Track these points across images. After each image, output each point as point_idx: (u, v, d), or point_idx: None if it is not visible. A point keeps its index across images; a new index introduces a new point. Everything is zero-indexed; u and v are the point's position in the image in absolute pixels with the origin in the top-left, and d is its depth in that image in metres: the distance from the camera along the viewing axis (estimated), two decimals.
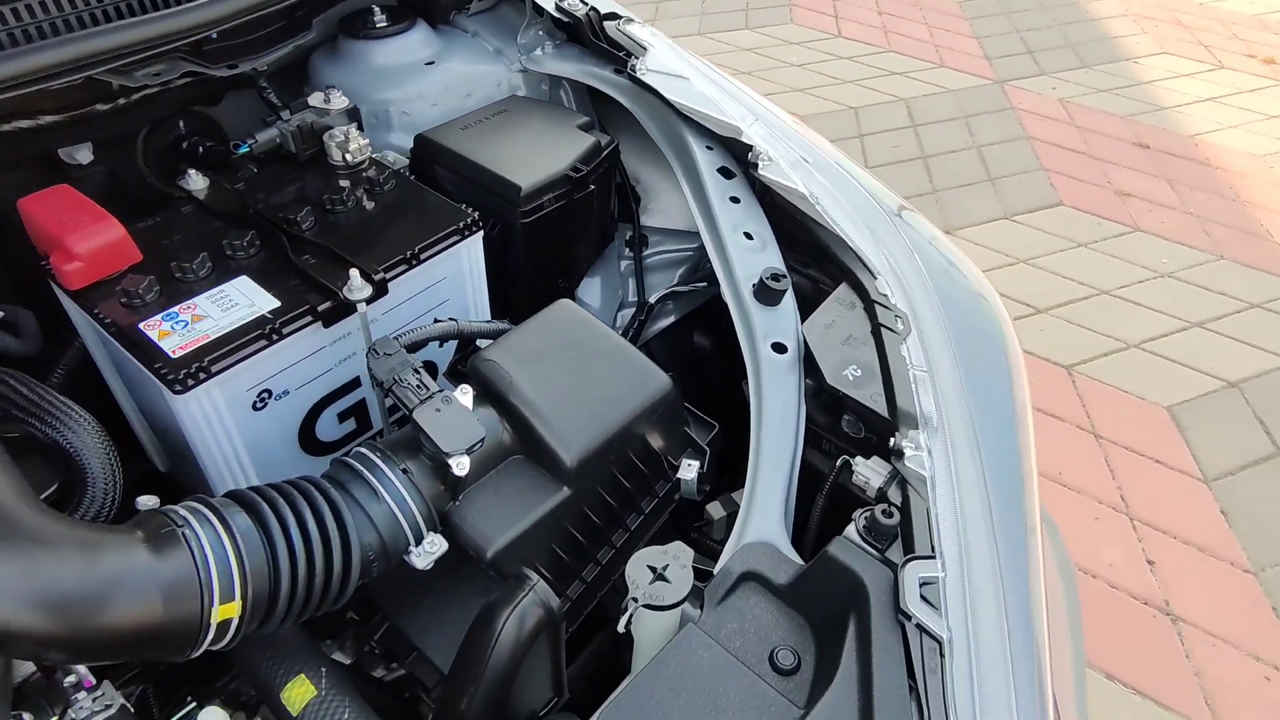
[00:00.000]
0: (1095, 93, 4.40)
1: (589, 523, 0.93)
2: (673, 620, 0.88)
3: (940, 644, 0.77)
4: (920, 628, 0.78)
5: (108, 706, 0.71)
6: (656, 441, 0.96)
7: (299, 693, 0.81)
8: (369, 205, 1.04)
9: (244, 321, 0.88)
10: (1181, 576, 2.28)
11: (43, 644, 0.61)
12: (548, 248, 1.20)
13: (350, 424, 1.03)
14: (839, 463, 0.98)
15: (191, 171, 1.06)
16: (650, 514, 1.01)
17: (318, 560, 0.74)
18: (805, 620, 0.86)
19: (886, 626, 0.79)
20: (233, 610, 0.69)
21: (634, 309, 1.37)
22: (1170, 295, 3.16)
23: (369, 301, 0.92)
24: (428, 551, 0.81)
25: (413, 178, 1.15)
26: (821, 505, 0.99)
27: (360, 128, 1.13)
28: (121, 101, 1.09)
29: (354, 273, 0.90)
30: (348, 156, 1.07)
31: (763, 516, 0.93)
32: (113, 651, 0.65)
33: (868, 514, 0.86)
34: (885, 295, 1.02)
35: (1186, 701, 2.02)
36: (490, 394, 0.88)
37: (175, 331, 0.86)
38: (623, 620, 0.87)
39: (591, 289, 1.36)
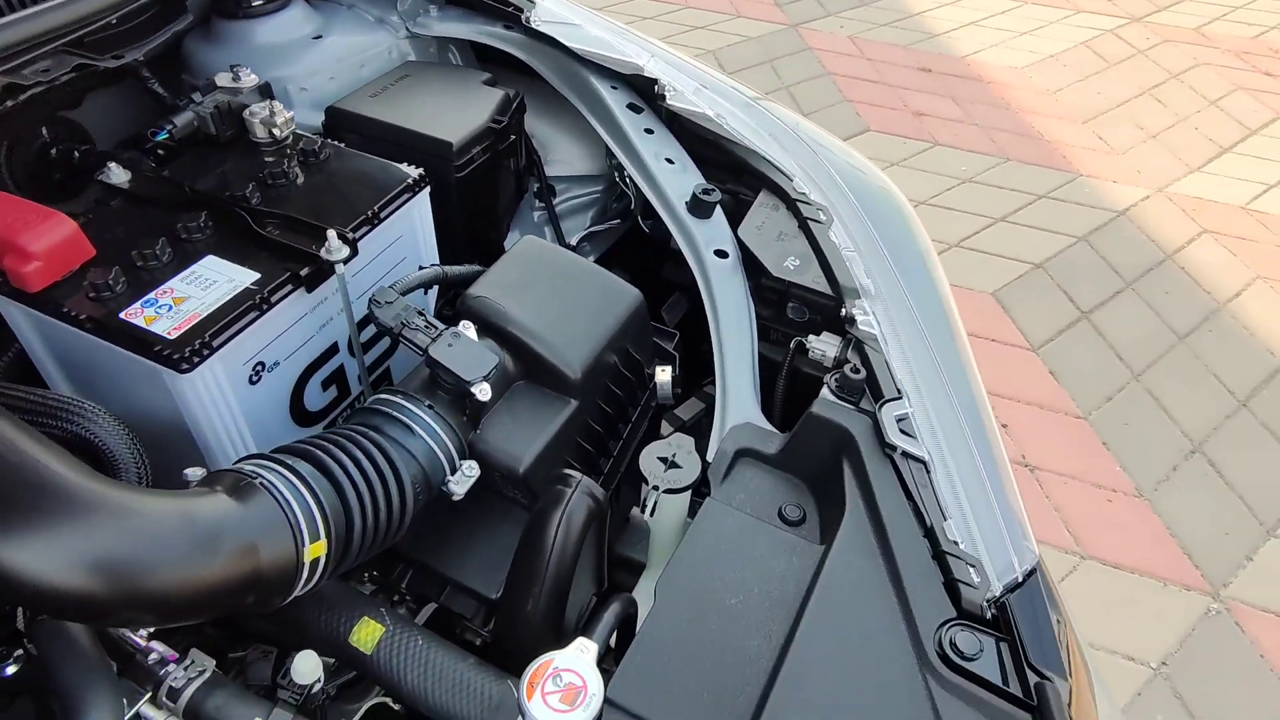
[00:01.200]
0: (877, 27, 4.81)
1: (593, 432, 1.01)
2: (686, 501, 0.98)
3: (925, 464, 0.91)
4: (905, 454, 0.92)
5: (201, 672, 0.72)
6: (635, 350, 1.04)
7: (368, 633, 0.84)
8: (310, 176, 1.05)
9: (230, 296, 0.88)
10: (1030, 432, 2.63)
11: (166, 609, 0.63)
12: (478, 201, 1.24)
13: (333, 391, 1.05)
14: (793, 344, 1.10)
15: (111, 165, 1.02)
16: (635, 422, 1.10)
17: (379, 495, 0.78)
18: (799, 479, 0.99)
19: (877, 461, 0.92)
20: (320, 549, 0.72)
21: None
22: (974, 197, 3.56)
23: (345, 262, 0.94)
24: (466, 476, 0.87)
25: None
26: (783, 385, 1.12)
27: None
28: (9, 103, 1.03)
29: (331, 234, 0.92)
30: (275, 131, 1.07)
31: (738, 402, 1.04)
32: (224, 603, 0.67)
33: (837, 375, 0.99)
34: (804, 194, 1.15)
35: (1053, 534, 2.36)
36: (488, 327, 0.94)
37: (161, 315, 0.85)
38: (648, 507, 0.96)
39: (513, 241, 1.41)
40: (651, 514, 0.95)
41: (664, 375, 1.09)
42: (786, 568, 0.87)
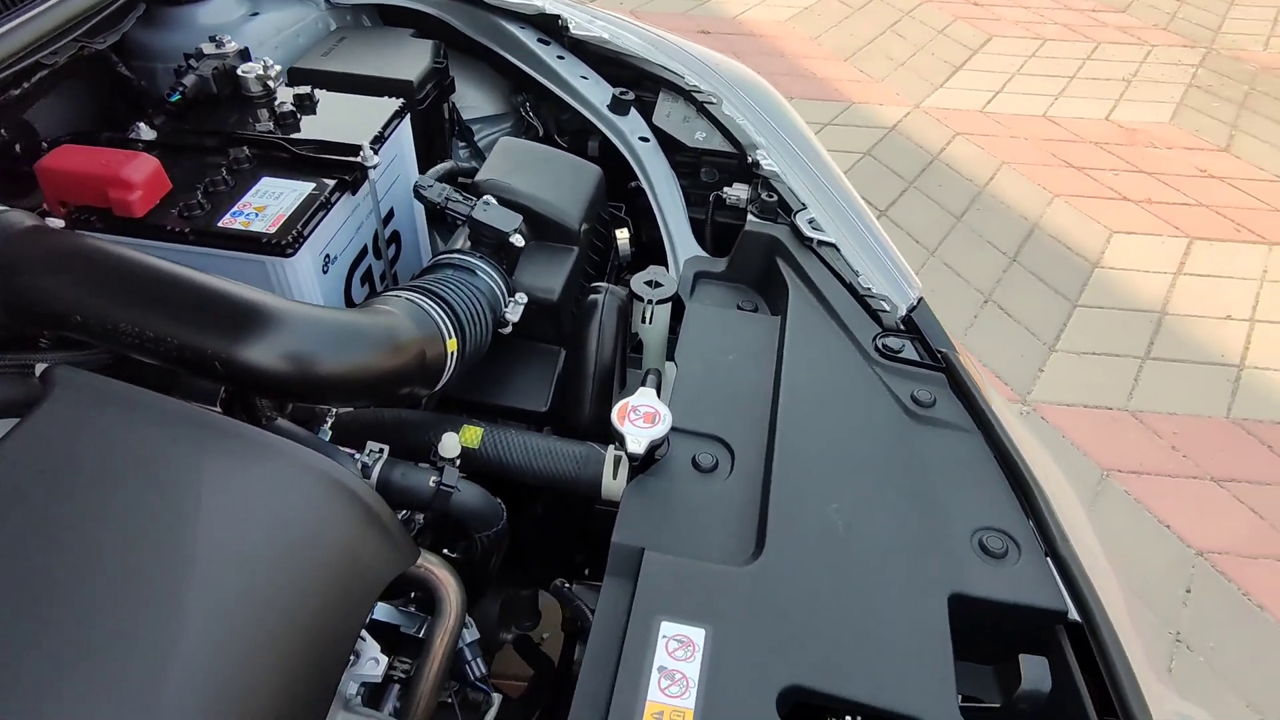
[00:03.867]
0: (652, 0, 5.27)
1: (589, 276, 1.29)
2: (669, 310, 1.29)
3: (835, 246, 1.27)
4: (820, 243, 1.27)
5: (381, 451, 0.95)
6: (603, 212, 1.34)
7: (471, 435, 1.09)
8: (308, 115, 1.26)
9: (301, 199, 1.09)
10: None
11: (395, 379, 0.87)
12: (430, 133, 1.48)
13: (367, 288, 1.27)
14: (711, 198, 1.44)
15: (140, 124, 1.18)
16: (609, 275, 1.39)
17: (476, 310, 1.03)
18: (744, 284, 1.32)
19: (801, 252, 1.28)
20: (454, 344, 0.97)
21: None
22: None
23: (375, 168, 1.17)
24: (518, 304, 1.13)
25: None
26: (710, 230, 1.45)
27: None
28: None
29: (365, 144, 1.15)
30: (270, 84, 1.27)
31: (683, 242, 1.37)
32: (399, 385, 0.91)
33: (755, 203, 1.33)
34: (694, 85, 1.49)
35: None
36: (502, 200, 1.20)
37: (253, 221, 1.05)
38: (645, 318, 1.26)
39: None
40: (649, 322, 1.25)
41: (623, 235, 1.39)
42: (758, 332, 1.20)
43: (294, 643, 0.69)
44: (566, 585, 1.01)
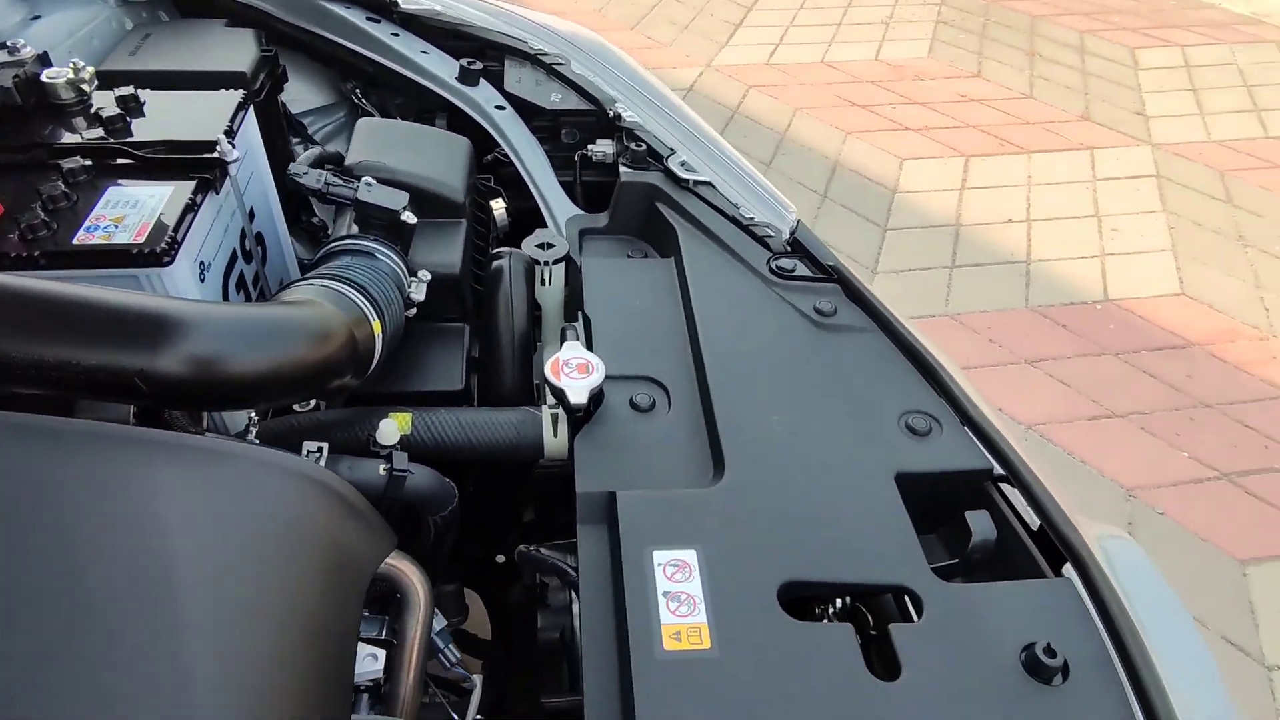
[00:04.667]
0: None
1: (478, 247, 1.27)
2: (563, 270, 1.30)
3: (710, 184, 1.32)
4: (696, 182, 1.32)
5: (320, 449, 0.90)
6: (478, 184, 1.31)
7: (401, 421, 1.05)
8: (137, 116, 1.14)
9: (164, 204, 0.99)
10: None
11: (329, 370, 0.82)
12: (269, 132, 1.38)
13: (242, 295, 1.17)
14: (577, 157, 1.45)
15: None
16: (491, 244, 1.37)
17: (387, 291, 0.99)
18: (628, 234, 1.35)
19: (679, 192, 1.32)
20: (379, 327, 0.93)
21: None
22: None
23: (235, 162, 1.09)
24: (421, 282, 1.10)
25: None
26: (581, 191, 1.46)
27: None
28: None
29: (221, 137, 1.06)
30: (84, 88, 1.13)
31: (559, 204, 1.38)
32: (347, 369, 0.86)
33: (625, 155, 1.36)
34: (540, 49, 1.48)
35: None
36: (380, 181, 1.15)
37: (114, 232, 0.95)
38: (544, 279, 1.26)
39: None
40: (547, 283, 1.25)
41: (499, 205, 1.38)
42: (657, 275, 1.23)
43: (305, 643, 0.65)
44: (534, 549, 1.01)
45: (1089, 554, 0.87)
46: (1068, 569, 0.87)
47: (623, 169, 1.34)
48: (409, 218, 1.09)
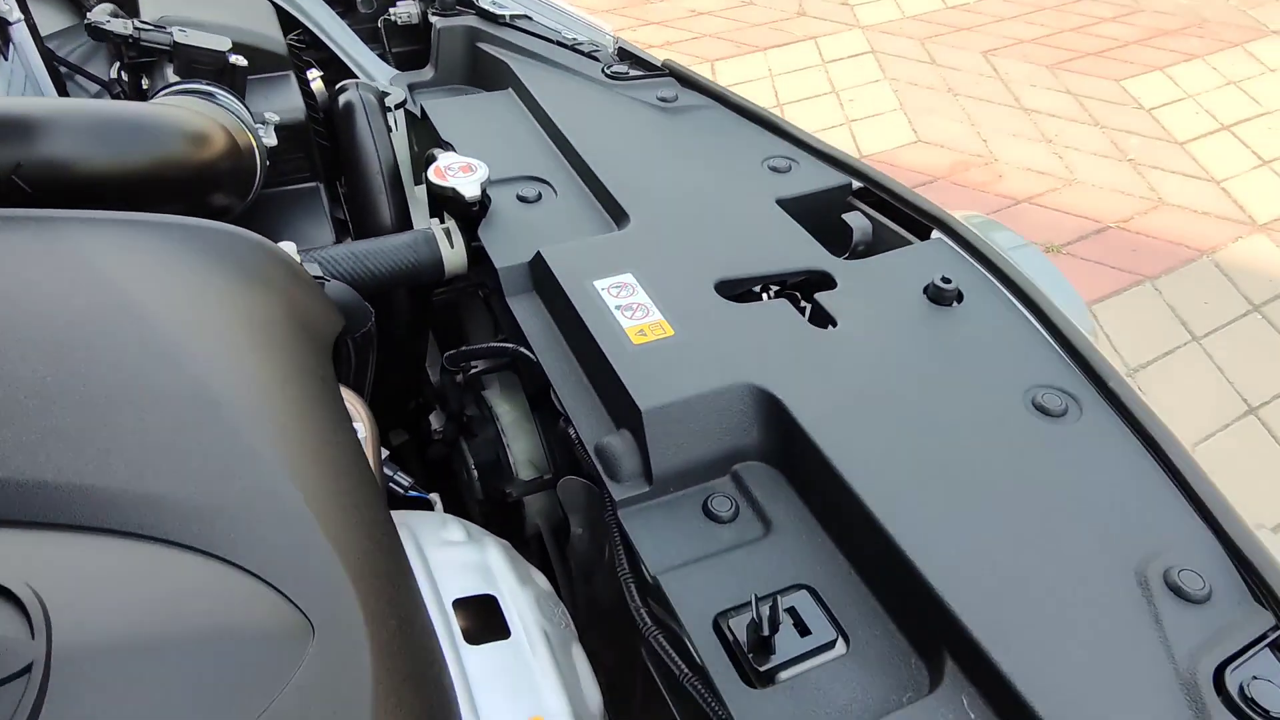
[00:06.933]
0: None
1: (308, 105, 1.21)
2: (404, 114, 1.27)
3: (526, 16, 1.34)
4: (513, 15, 1.34)
5: None
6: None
7: None
8: None
9: None
10: None
11: (210, 175, 0.77)
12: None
13: None
14: (381, 24, 1.41)
15: None
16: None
17: (250, 112, 0.93)
18: (456, 84, 1.35)
19: (499, 29, 1.33)
20: (256, 143, 0.88)
21: None
22: None
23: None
24: (268, 123, 1.04)
25: None
26: (394, 62, 1.43)
27: None
28: None
29: None
30: None
31: (377, 69, 1.35)
32: (228, 181, 0.81)
33: (434, 4, 1.35)
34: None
35: None
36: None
37: None
38: (390, 125, 1.23)
39: None
40: (395, 127, 1.22)
41: (315, 75, 1.32)
42: (503, 103, 1.25)
43: (310, 409, 0.62)
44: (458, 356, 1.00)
45: (949, 218, 1.01)
46: (935, 233, 1.01)
47: (434, 18, 1.33)
48: (239, 60, 1.03)
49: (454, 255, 1.04)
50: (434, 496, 1.02)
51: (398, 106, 1.20)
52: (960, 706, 0.58)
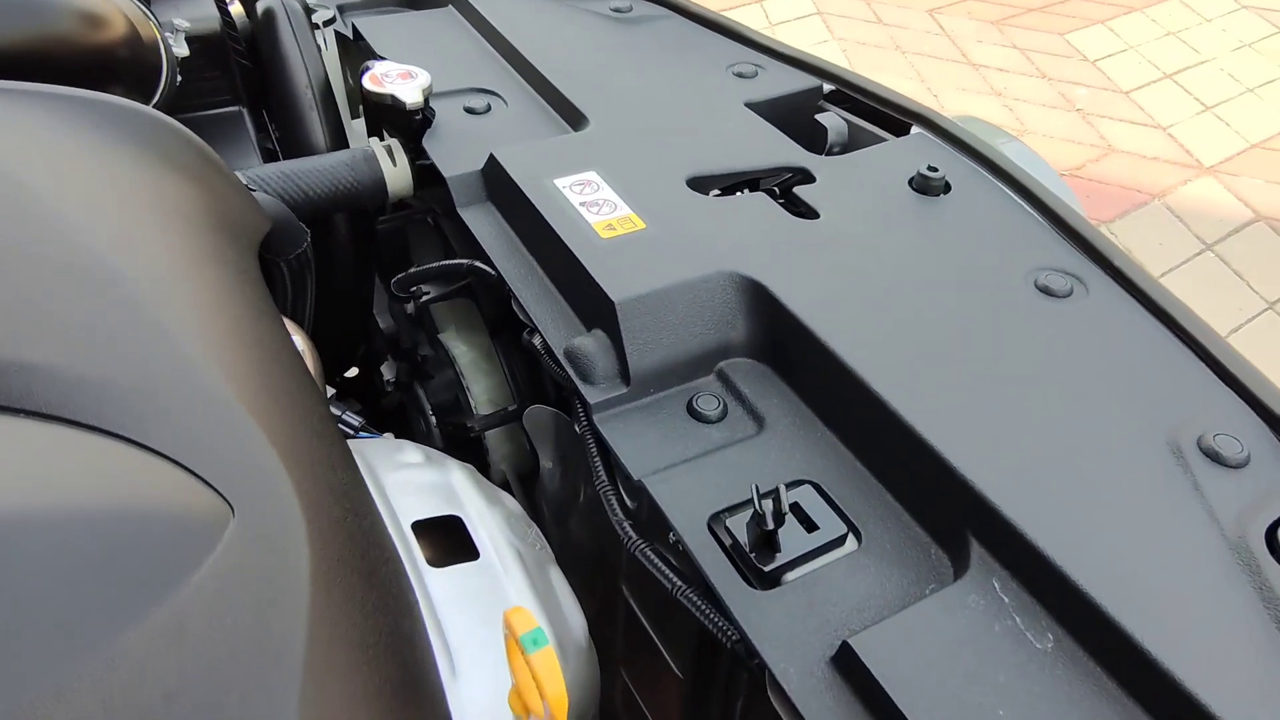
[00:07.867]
0: None
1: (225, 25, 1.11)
2: (334, 37, 1.17)
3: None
4: None
5: None
6: None
7: None
8: None
9: None
10: None
11: (96, 60, 0.67)
12: None
13: None
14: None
15: None
16: None
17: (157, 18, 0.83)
18: (390, 4, 1.25)
19: None
20: (172, 56, 0.78)
21: None
22: None
23: None
24: (179, 30, 0.94)
25: None
26: None
27: None
28: None
29: None
30: None
31: None
32: (125, 67, 0.71)
33: None
34: None
35: None
36: None
37: None
38: (322, 42, 1.13)
39: None
40: (326, 46, 1.12)
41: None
42: (443, 20, 1.15)
43: (231, 296, 0.53)
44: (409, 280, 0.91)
45: (929, 112, 0.94)
46: (914, 128, 0.94)
47: None
48: None
49: (397, 174, 0.95)
50: (387, 435, 0.94)
51: (326, 24, 1.10)
52: (992, 591, 0.51)
